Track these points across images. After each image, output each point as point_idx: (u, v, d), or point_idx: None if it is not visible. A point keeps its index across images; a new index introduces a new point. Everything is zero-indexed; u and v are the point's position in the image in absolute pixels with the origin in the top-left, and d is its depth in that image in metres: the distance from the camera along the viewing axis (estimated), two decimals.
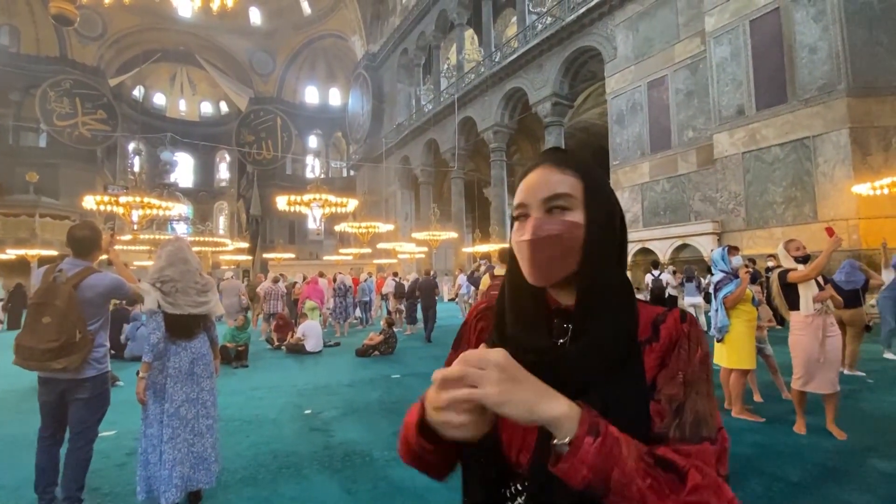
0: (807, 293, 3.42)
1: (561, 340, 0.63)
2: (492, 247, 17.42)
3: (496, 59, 18.13)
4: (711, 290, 3.98)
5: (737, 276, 3.88)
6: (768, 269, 6.88)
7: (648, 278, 9.55)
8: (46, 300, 2.39)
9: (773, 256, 6.53)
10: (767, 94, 9.59)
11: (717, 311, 3.90)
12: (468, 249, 20.18)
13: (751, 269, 3.80)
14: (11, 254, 18.98)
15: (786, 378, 4.13)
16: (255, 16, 32.49)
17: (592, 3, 13.40)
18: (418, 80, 25.57)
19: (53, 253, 21.24)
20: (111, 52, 31.01)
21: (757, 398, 4.36)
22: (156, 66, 33.67)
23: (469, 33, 22.35)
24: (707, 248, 10.52)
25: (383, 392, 5.19)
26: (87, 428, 2.50)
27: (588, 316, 0.60)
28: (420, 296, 9.86)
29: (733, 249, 4.02)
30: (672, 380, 0.58)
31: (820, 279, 3.50)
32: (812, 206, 8.94)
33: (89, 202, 10.34)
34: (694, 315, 0.62)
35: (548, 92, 15.54)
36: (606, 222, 0.63)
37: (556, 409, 0.48)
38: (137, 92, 35.29)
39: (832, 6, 8.56)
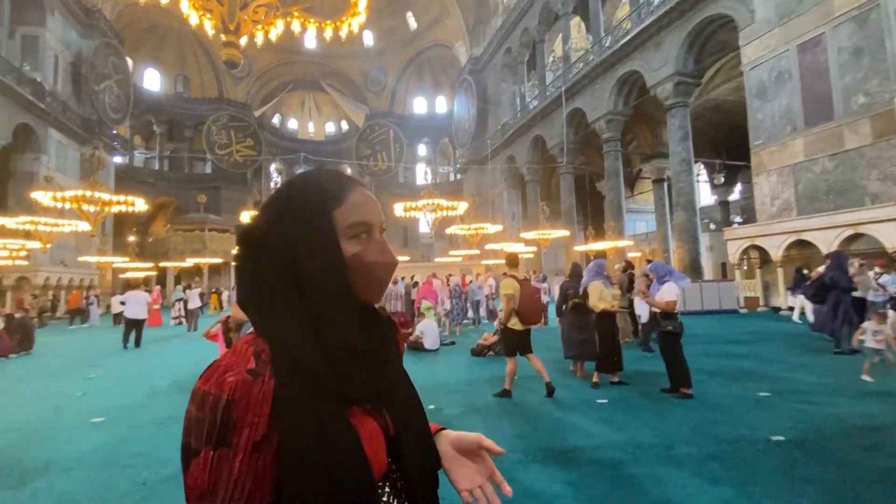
0: None
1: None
2: (607, 244, 16.39)
3: (606, 45, 17.05)
4: None
5: None
6: None
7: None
8: None
9: None
10: None
11: None
12: (581, 248, 19.26)
13: None
14: (190, 262, 23.44)
15: None
16: (368, 38, 35.18)
17: None
18: (522, 77, 25.25)
19: (219, 261, 25.67)
20: (255, 86, 36.32)
21: None
22: (289, 95, 38.52)
23: (576, 21, 21.46)
24: (891, 237, 8.58)
25: None
26: None
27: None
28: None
29: None
30: None
31: None
32: None
33: (245, 217, 12.17)
34: None
35: (669, 71, 14.12)
36: None
37: None
38: (276, 119, 40.87)
39: None
